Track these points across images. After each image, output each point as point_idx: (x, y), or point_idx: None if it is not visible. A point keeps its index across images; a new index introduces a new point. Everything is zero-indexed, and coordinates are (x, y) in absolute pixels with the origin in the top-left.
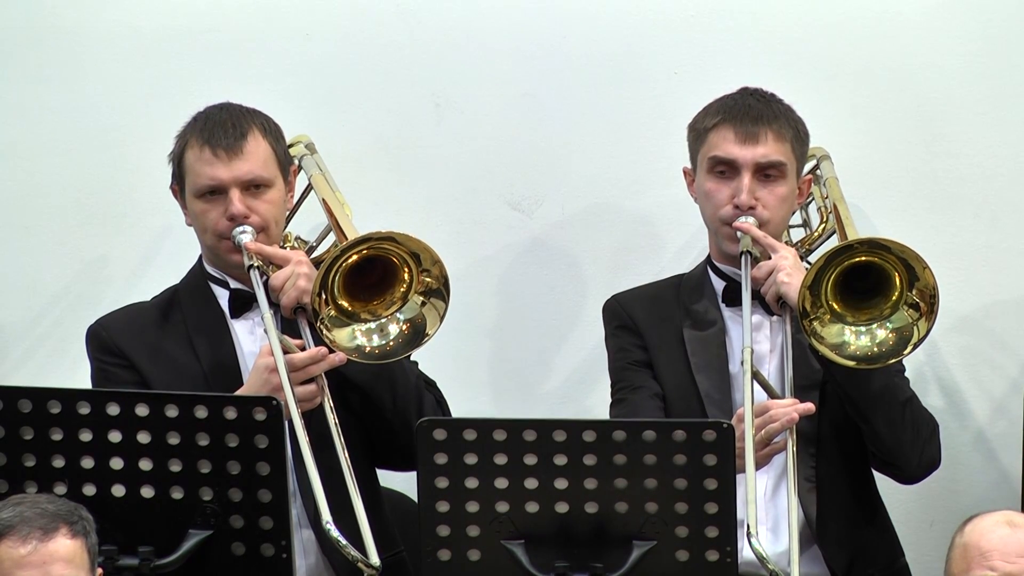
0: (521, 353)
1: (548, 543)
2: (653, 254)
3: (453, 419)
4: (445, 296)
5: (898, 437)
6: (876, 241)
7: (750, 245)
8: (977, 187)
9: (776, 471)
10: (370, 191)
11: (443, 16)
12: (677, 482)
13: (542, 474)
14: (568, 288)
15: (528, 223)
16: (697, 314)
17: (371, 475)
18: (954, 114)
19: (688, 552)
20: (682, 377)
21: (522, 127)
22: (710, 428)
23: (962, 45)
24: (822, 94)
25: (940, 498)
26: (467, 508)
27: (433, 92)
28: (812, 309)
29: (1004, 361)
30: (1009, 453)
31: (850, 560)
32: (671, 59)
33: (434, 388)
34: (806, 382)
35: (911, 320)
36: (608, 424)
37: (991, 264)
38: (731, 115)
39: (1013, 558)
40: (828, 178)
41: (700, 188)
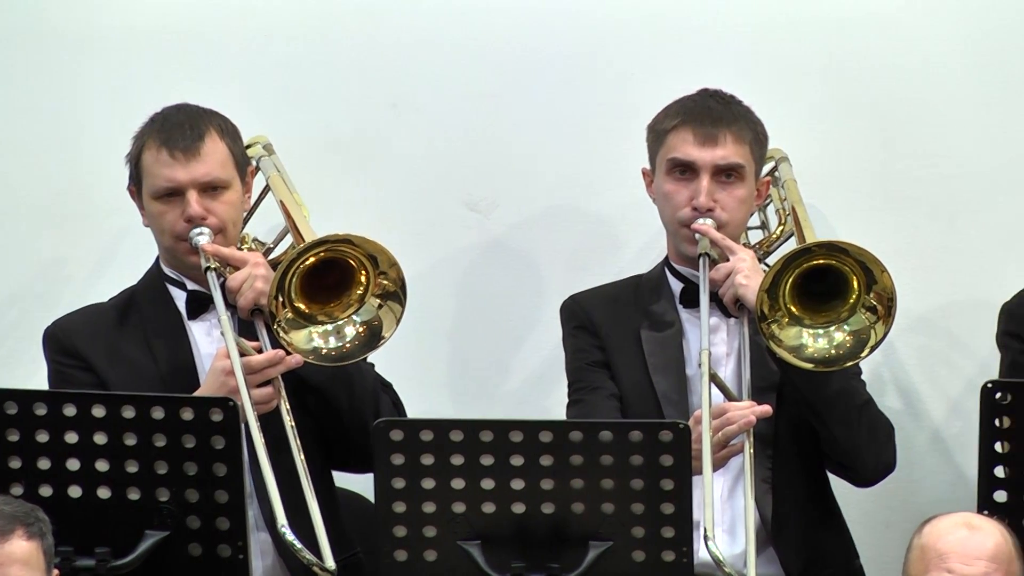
0: (478, 354)
1: (504, 543)
2: (611, 255)
3: (410, 420)
4: (402, 299)
5: (854, 440)
6: (834, 244)
7: (708, 247)
8: (935, 188)
9: (733, 472)
10: (328, 192)
11: (400, 17)
12: (634, 483)
13: (499, 475)
14: (526, 289)
15: (485, 224)
16: (655, 315)
17: (327, 477)
18: (911, 115)
19: (644, 553)
20: (639, 378)
21: (479, 128)
22: (667, 429)
23: (919, 46)
24: (781, 95)
25: (896, 499)
26: (424, 509)
27: (390, 93)
28: (770, 312)
29: (961, 361)
30: (965, 454)
31: (806, 562)
32: (629, 60)
33: (390, 390)
34: (763, 384)
35: (868, 323)
36: (565, 425)
37: (948, 265)
38: (690, 117)
39: (971, 560)
40: (786, 180)
41: (659, 189)
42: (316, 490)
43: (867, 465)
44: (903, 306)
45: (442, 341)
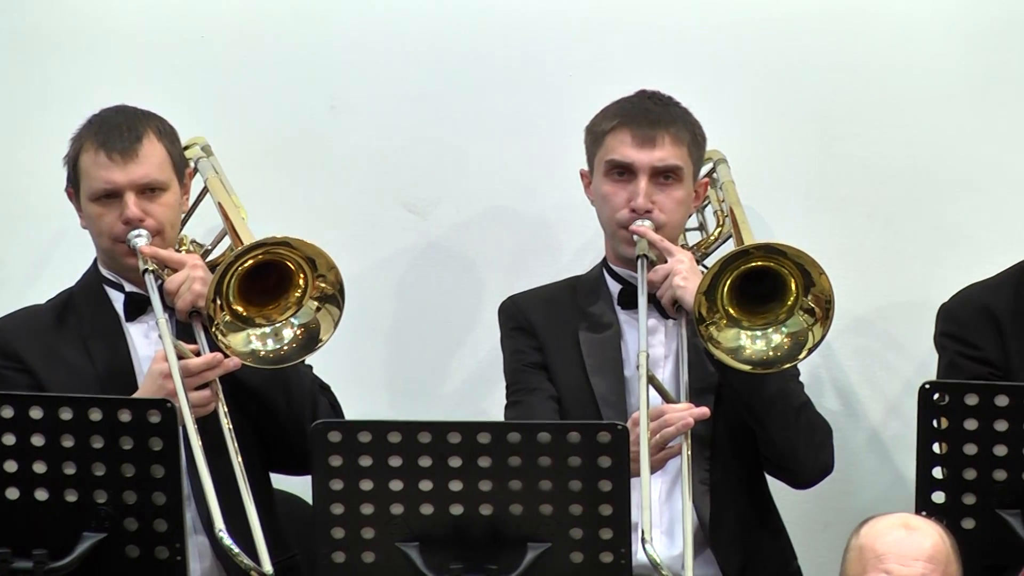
0: (417, 355)
1: (443, 545)
2: (549, 256)
3: (348, 421)
4: (340, 302)
5: (792, 442)
6: (772, 246)
7: (646, 249)
8: (872, 189)
9: (671, 474)
10: (266, 194)
11: (338, 18)
12: (572, 484)
13: (437, 476)
14: (464, 290)
15: (424, 225)
16: (593, 317)
17: (265, 479)
18: (849, 116)
19: (582, 554)
20: (577, 379)
21: (418, 129)
22: (605, 430)
23: (857, 46)
24: (719, 96)
25: (834, 500)
26: (362, 510)
27: (328, 94)
28: (708, 314)
29: (898, 362)
30: (903, 454)
31: (743, 563)
32: (567, 61)
33: (328, 392)
34: (701, 385)
35: (806, 325)
36: (503, 426)
37: (886, 266)
38: (628, 118)
39: (908, 561)
40: (724, 181)
41: (597, 191)
42: (254, 492)
43: (805, 467)
44: (841, 307)
45: (380, 343)
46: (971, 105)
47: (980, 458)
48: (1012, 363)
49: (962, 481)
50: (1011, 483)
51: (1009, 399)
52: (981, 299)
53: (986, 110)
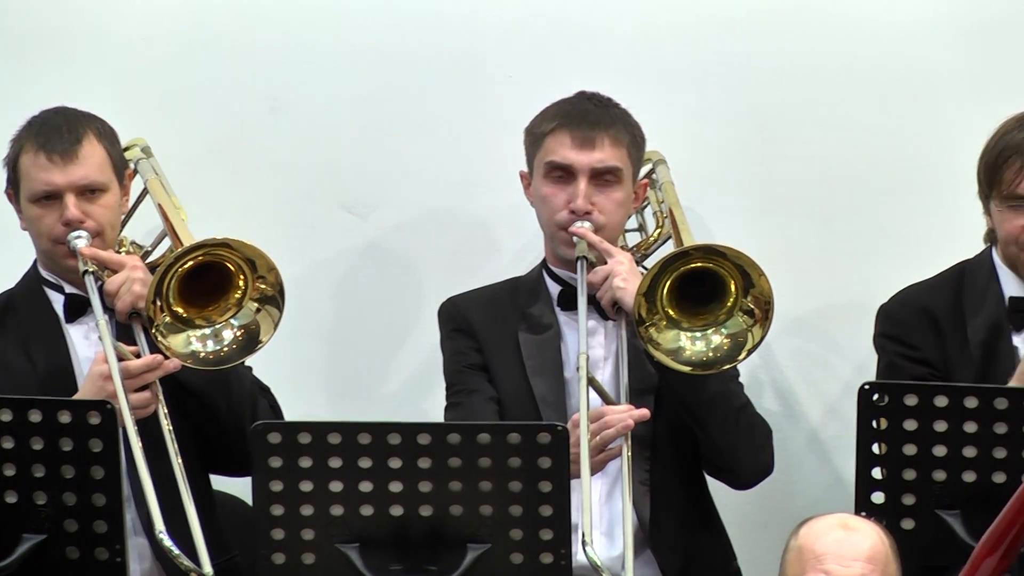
0: (357, 357)
1: (383, 546)
2: (489, 257)
3: (288, 422)
4: (280, 303)
5: (732, 443)
6: (712, 247)
7: (586, 250)
8: (811, 190)
9: (611, 475)
10: (205, 195)
11: (278, 19)
12: (512, 485)
13: (377, 477)
14: (404, 291)
15: (363, 226)
16: (533, 318)
17: (205, 480)
18: (788, 117)
19: (522, 555)
20: (517, 381)
21: (357, 130)
22: (544, 431)
23: (796, 47)
24: (658, 97)
25: (774, 500)
26: (302, 512)
27: (268, 95)
28: (648, 315)
29: (837, 363)
30: (843, 455)
31: (683, 564)
32: (507, 62)
33: (268, 394)
34: (641, 386)
35: (746, 326)
36: (443, 427)
37: (825, 266)
38: (568, 120)
39: (847, 561)
40: (664, 182)
41: (537, 192)
42: (194, 494)
43: (745, 468)
44: (780, 308)
45: (320, 344)
46: (910, 105)
47: (919, 459)
48: (951, 364)
49: (901, 481)
50: (950, 484)
51: (948, 400)
52: (920, 300)
53: (925, 110)
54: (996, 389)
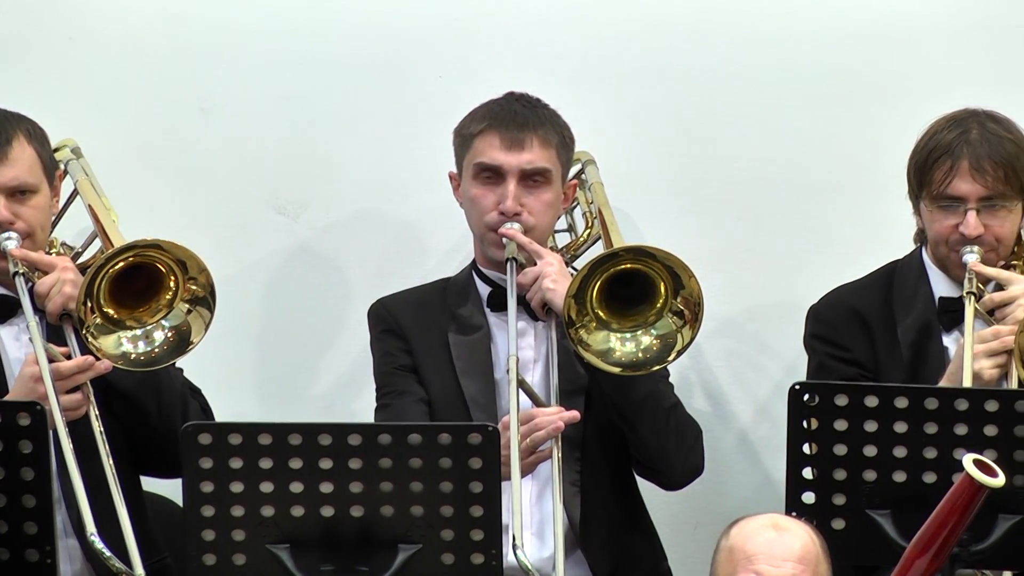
0: (287, 358)
1: (313, 547)
2: (417, 258)
3: (218, 423)
4: (211, 304)
5: (662, 444)
6: (641, 249)
7: (515, 252)
8: (741, 191)
9: (542, 476)
10: (136, 196)
11: (208, 20)
12: (443, 485)
13: (308, 478)
14: (333, 292)
15: (294, 227)
16: (462, 319)
17: (135, 482)
18: (718, 117)
19: (453, 556)
20: (447, 382)
21: (288, 131)
22: (475, 431)
23: (725, 47)
24: (587, 98)
25: (704, 501)
26: (232, 512)
27: (198, 96)
28: (578, 317)
29: (767, 364)
30: (772, 455)
31: (614, 564)
32: (437, 63)
33: (199, 395)
34: (571, 387)
35: (675, 327)
36: (374, 427)
37: (754, 267)
38: (497, 121)
39: (778, 562)
40: (593, 183)
41: (466, 193)
42: (125, 495)
43: (675, 468)
44: (710, 309)
45: (250, 345)
46: (840, 106)
47: (850, 458)
48: (881, 364)
49: (832, 481)
50: (880, 483)
51: (878, 400)
52: (850, 301)
53: (854, 111)
54: (926, 389)
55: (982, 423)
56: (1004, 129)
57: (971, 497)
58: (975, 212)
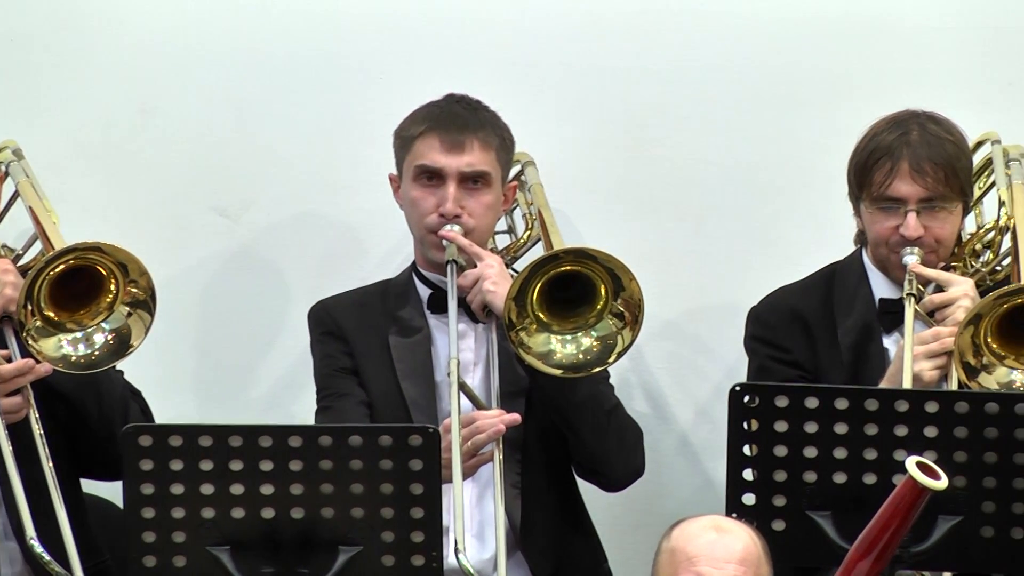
0: (226, 359)
1: (254, 549)
2: (357, 260)
3: (159, 425)
4: (151, 307)
5: (603, 445)
6: (582, 251)
7: (456, 254)
8: (682, 192)
9: (482, 478)
10: (76, 198)
11: (148, 20)
12: (383, 487)
13: (248, 479)
14: (273, 294)
15: (235, 229)
16: (403, 321)
17: (75, 484)
18: (658, 118)
19: (394, 557)
20: (388, 384)
21: (228, 132)
22: (416, 433)
23: (666, 48)
24: (527, 98)
25: (645, 502)
26: (173, 514)
27: (138, 97)
28: (518, 319)
29: (708, 365)
30: (713, 457)
31: (554, 566)
32: (377, 63)
33: (139, 397)
34: (512, 389)
35: (616, 329)
36: (314, 429)
37: (695, 269)
38: (437, 123)
39: (720, 564)
40: (533, 184)
41: (406, 196)
42: (64, 498)
43: (616, 470)
44: (650, 310)
45: (190, 346)
46: (781, 107)
47: (790, 460)
48: (822, 365)
49: (772, 483)
50: (821, 485)
51: (819, 401)
52: (790, 302)
53: (796, 112)
54: (866, 390)
55: (922, 424)
56: (944, 130)
57: (913, 500)
58: (915, 214)
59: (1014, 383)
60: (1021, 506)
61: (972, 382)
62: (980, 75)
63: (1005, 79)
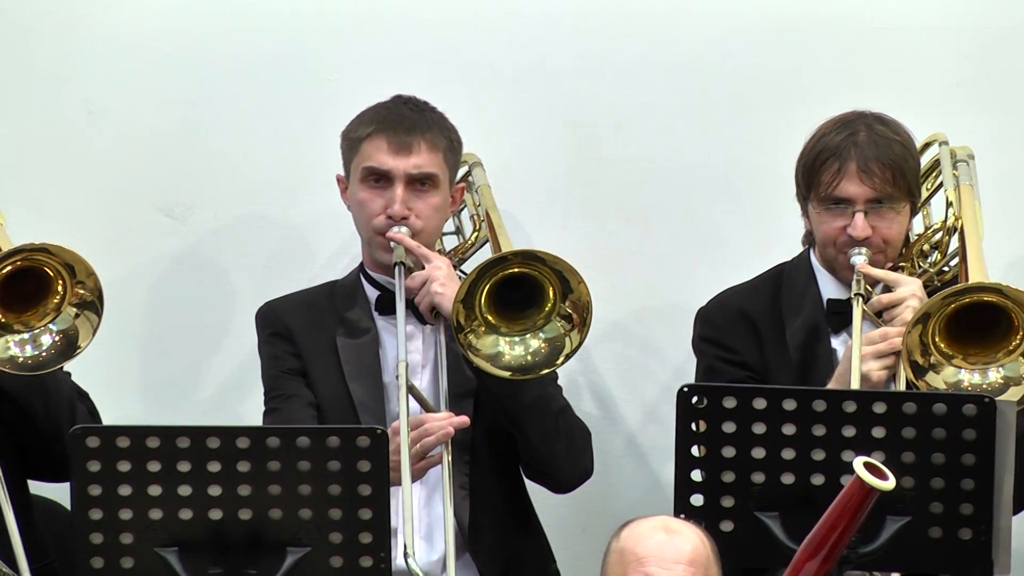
0: (174, 361)
1: (202, 550)
2: (303, 261)
3: (106, 426)
4: (99, 308)
5: (552, 447)
6: (530, 253)
7: (403, 256)
8: (630, 193)
9: (431, 480)
10: (23, 199)
11: (94, 20)
12: (331, 488)
13: (196, 481)
14: (220, 294)
15: (181, 230)
16: (350, 322)
17: (23, 486)
18: (606, 118)
19: (342, 558)
20: (336, 385)
21: (176, 132)
22: (364, 434)
23: (614, 48)
24: (475, 99)
25: (593, 503)
26: (120, 516)
27: (85, 98)
28: (466, 322)
29: (656, 367)
30: (661, 458)
31: (503, 567)
32: (326, 64)
33: (87, 399)
34: (460, 390)
35: (564, 331)
36: (262, 430)
37: (642, 270)
38: (384, 125)
39: (669, 564)
40: (480, 185)
41: (353, 197)
42: (11, 499)
43: (564, 472)
44: (599, 312)
45: (137, 348)
46: (729, 108)
47: (738, 461)
48: (770, 366)
49: (720, 484)
50: (769, 485)
51: (767, 402)
52: (738, 303)
53: (744, 113)
54: (814, 391)
55: (870, 425)
56: (892, 131)
57: (861, 500)
58: (863, 214)
59: (962, 383)
60: (969, 507)
61: (920, 382)
62: (928, 76)
63: (953, 80)
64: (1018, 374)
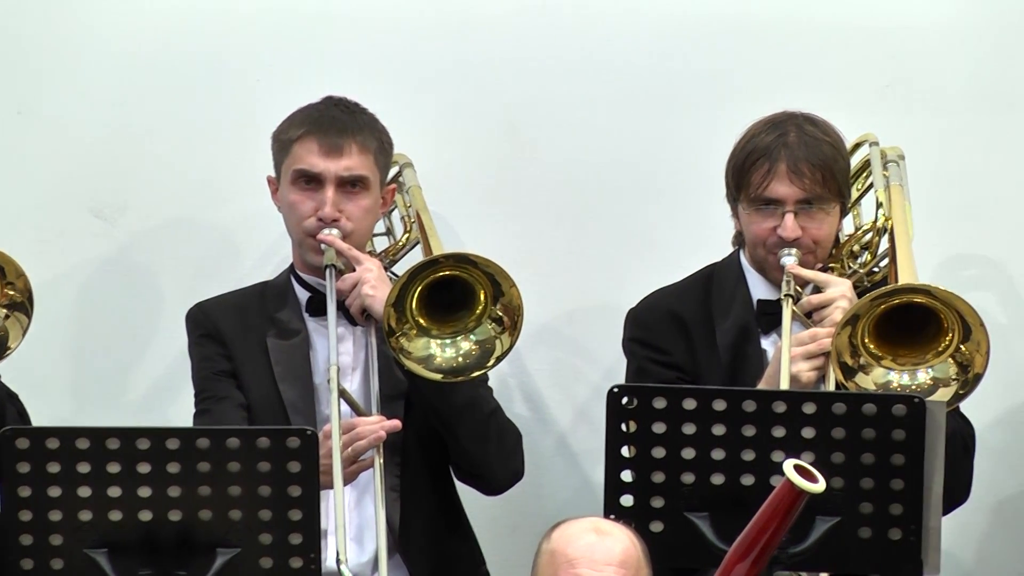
0: (103, 362)
1: (132, 551)
2: (233, 262)
3: (36, 428)
4: (28, 310)
5: (483, 449)
6: (462, 256)
7: (334, 258)
8: (560, 194)
9: (361, 481)
10: None
11: (27, 21)
12: (261, 489)
13: (126, 482)
14: (150, 296)
15: (111, 231)
16: (281, 323)
17: None
18: (537, 119)
19: (272, 559)
20: (266, 387)
21: (106, 134)
22: (294, 435)
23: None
24: (405, 99)
25: (523, 504)
26: (50, 517)
27: (16, 99)
28: (397, 325)
29: (586, 368)
30: (592, 459)
31: (433, 569)
32: (255, 65)
33: (16, 400)
34: (392, 392)
35: (495, 334)
36: (192, 431)
37: (573, 271)
38: (315, 127)
39: (600, 566)
40: (411, 186)
41: (284, 199)
42: None
43: (496, 473)
44: (530, 313)
45: (66, 349)
46: (660, 108)
47: (668, 461)
48: (700, 367)
49: (650, 484)
50: (699, 486)
51: (697, 403)
52: (668, 304)
53: (675, 113)
54: (744, 392)
55: (800, 425)
56: (822, 132)
57: (791, 503)
58: (792, 215)
59: (891, 384)
60: (898, 507)
61: (849, 383)
62: (858, 76)
63: (883, 81)
64: (947, 375)
